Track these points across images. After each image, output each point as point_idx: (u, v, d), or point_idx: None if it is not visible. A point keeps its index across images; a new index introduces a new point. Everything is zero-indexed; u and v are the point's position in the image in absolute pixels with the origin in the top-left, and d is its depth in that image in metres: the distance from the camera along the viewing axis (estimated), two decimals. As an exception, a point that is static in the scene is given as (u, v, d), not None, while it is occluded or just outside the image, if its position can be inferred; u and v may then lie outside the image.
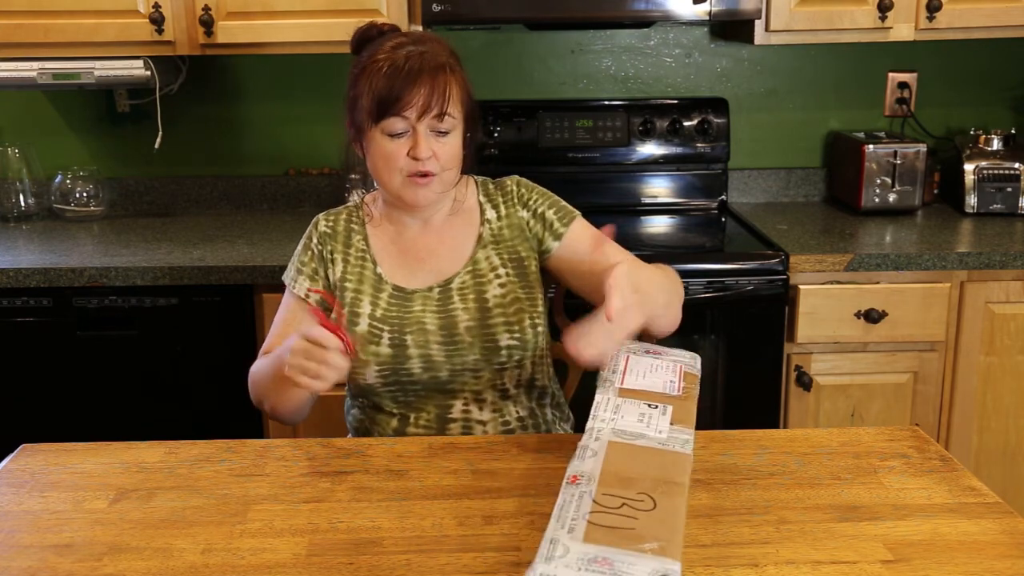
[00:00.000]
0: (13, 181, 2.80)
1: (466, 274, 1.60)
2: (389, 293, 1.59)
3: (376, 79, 1.48)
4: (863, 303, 2.33)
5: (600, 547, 0.95)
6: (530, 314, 1.59)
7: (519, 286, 1.60)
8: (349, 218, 1.66)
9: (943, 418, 2.43)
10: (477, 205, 1.65)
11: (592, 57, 2.88)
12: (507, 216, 1.64)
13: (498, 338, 1.56)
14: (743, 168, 2.93)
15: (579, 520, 1.00)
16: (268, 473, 1.34)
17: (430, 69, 1.48)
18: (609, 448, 1.12)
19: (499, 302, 1.57)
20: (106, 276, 2.28)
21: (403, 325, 1.56)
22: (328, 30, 2.44)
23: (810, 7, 2.47)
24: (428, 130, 1.49)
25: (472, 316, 1.56)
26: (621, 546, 0.95)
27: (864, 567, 1.10)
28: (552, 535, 0.98)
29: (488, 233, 1.63)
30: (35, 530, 1.19)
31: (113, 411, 2.35)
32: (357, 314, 1.58)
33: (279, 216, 2.83)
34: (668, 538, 0.97)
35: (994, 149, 2.71)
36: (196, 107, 2.86)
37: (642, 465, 1.09)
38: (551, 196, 1.66)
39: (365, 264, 1.62)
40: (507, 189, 1.66)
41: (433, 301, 1.58)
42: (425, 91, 1.47)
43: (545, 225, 1.62)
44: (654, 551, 0.95)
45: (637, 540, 0.96)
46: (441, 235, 1.63)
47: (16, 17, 2.44)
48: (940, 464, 1.34)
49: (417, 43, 1.51)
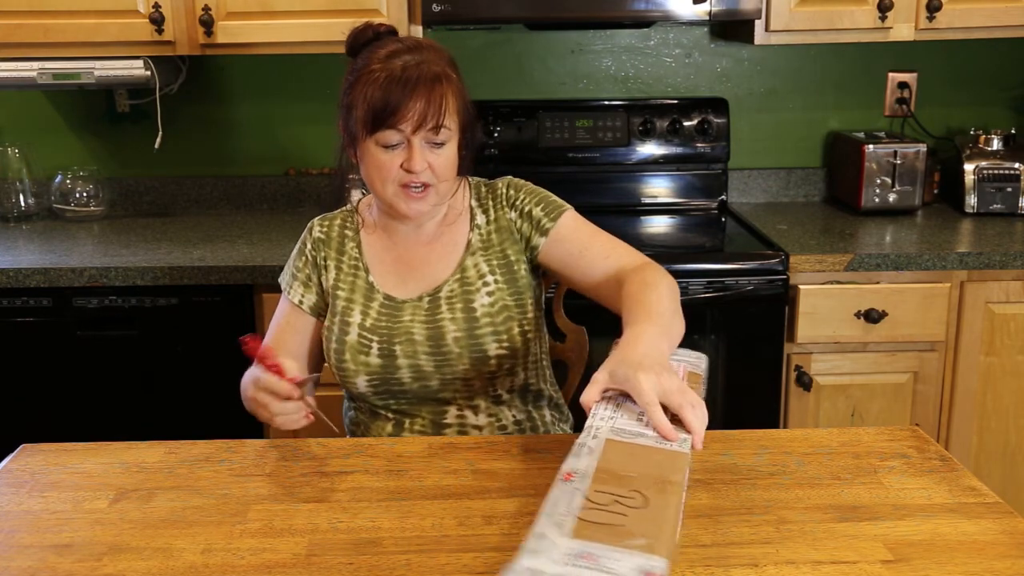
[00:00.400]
0: (13, 181, 2.80)
1: (454, 282, 1.57)
2: (380, 303, 1.58)
3: (371, 89, 1.45)
4: (863, 303, 2.33)
5: (587, 543, 0.95)
6: (519, 322, 1.56)
7: (508, 293, 1.57)
8: (343, 224, 1.65)
9: (943, 418, 2.43)
10: (468, 210, 1.63)
11: (592, 57, 2.88)
12: (495, 220, 1.61)
13: (486, 348, 1.54)
14: (743, 168, 2.93)
15: (568, 516, 0.99)
16: (268, 473, 1.34)
17: (426, 81, 1.44)
18: (606, 446, 1.12)
19: (487, 311, 1.55)
20: (106, 276, 2.28)
21: (392, 336, 1.55)
22: (328, 30, 2.43)
23: (810, 7, 2.47)
24: (423, 142, 1.47)
25: (459, 327, 1.54)
26: (608, 542, 0.95)
27: (864, 567, 1.09)
28: (540, 530, 0.97)
29: (477, 239, 1.60)
30: (35, 530, 1.19)
31: (113, 411, 2.35)
32: (348, 323, 1.57)
33: (279, 216, 2.83)
34: (656, 535, 0.96)
35: (994, 149, 2.71)
36: (196, 107, 2.86)
37: (638, 463, 1.09)
38: (540, 193, 1.62)
39: (358, 273, 1.60)
40: (497, 191, 1.63)
41: (422, 311, 1.56)
42: (421, 104, 1.44)
43: (532, 223, 1.59)
44: (640, 547, 0.94)
45: (625, 536, 0.96)
46: (431, 243, 1.61)
47: (16, 17, 2.44)
48: (940, 464, 1.34)
49: (413, 51, 1.48)
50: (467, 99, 1.53)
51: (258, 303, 2.32)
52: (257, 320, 2.32)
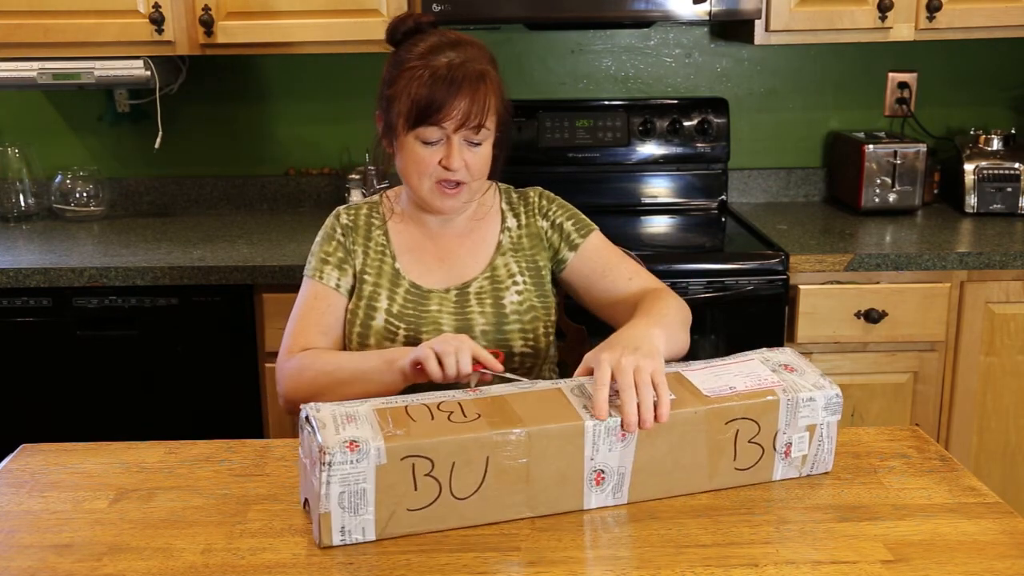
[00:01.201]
0: (13, 181, 2.80)
1: (484, 279, 1.60)
2: (406, 289, 1.59)
3: (415, 85, 1.46)
4: (863, 303, 2.33)
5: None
6: (544, 323, 1.60)
7: (535, 295, 1.61)
8: (370, 212, 1.66)
9: (943, 418, 2.43)
10: (499, 212, 1.66)
11: (592, 57, 2.88)
12: (527, 225, 1.65)
13: (512, 344, 1.57)
14: (743, 168, 2.93)
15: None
16: (268, 473, 1.34)
17: (471, 80, 1.46)
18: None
19: (516, 308, 1.58)
20: (106, 276, 2.28)
21: (419, 324, 1.57)
22: (328, 30, 2.44)
23: (810, 7, 2.46)
24: (462, 140, 1.49)
25: (489, 320, 1.57)
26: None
27: (864, 567, 1.10)
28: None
29: (508, 240, 1.64)
30: (35, 530, 1.19)
31: (113, 411, 2.35)
32: (374, 308, 1.58)
33: (279, 216, 2.83)
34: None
35: (994, 149, 2.71)
36: (196, 107, 2.86)
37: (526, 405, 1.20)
38: (571, 208, 1.67)
39: (384, 259, 1.62)
40: (529, 199, 1.67)
41: (450, 303, 1.58)
42: (465, 104, 1.46)
43: (562, 236, 1.63)
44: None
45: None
46: (461, 238, 1.64)
47: (16, 17, 2.44)
48: (940, 464, 1.34)
49: (456, 48, 1.49)
50: (505, 96, 1.55)
51: (258, 303, 2.32)
52: (257, 320, 2.32)
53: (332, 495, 1.10)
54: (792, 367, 1.31)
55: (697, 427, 1.22)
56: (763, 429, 1.25)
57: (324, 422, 1.14)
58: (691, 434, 1.22)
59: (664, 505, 1.23)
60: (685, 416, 1.21)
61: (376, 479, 1.11)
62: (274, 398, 2.35)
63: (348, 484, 1.10)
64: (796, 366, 1.32)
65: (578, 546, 1.14)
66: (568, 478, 1.19)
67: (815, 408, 1.26)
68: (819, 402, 1.26)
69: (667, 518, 1.20)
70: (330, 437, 1.11)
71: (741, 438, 1.24)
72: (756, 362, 1.32)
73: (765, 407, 1.24)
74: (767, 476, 1.28)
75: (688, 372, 1.29)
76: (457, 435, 1.13)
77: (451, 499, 1.15)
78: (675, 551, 1.13)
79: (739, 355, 1.35)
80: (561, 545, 1.14)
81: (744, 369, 1.30)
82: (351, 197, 2.71)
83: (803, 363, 1.33)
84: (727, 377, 1.28)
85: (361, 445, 1.10)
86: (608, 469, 1.20)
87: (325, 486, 1.10)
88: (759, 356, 1.35)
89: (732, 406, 1.23)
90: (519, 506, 1.18)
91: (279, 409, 2.35)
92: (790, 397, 1.25)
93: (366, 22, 2.42)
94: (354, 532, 1.13)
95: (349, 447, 1.10)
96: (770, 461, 1.27)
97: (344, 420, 1.14)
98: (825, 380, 1.29)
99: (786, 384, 1.27)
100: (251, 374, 2.35)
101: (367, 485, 1.11)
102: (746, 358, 1.34)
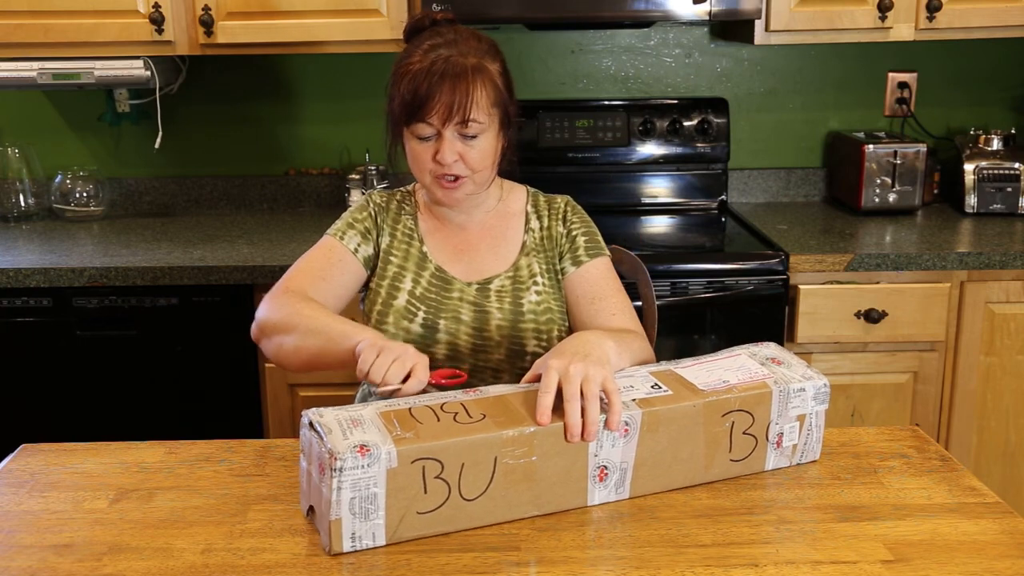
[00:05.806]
0: (13, 181, 2.80)
1: (506, 278, 1.61)
2: (431, 272, 1.61)
3: (404, 82, 1.49)
4: (863, 303, 2.33)
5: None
6: (559, 326, 1.61)
7: (553, 297, 1.62)
8: (402, 200, 1.68)
9: (943, 418, 2.43)
10: (523, 213, 1.67)
11: (592, 57, 2.88)
12: (548, 228, 1.66)
13: (525, 343, 1.58)
14: (743, 168, 2.93)
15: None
16: (268, 473, 1.34)
17: (453, 75, 1.46)
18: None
19: (533, 308, 1.59)
20: (106, 276, 2.28)
21: (439, 309, 1.58)
22: (328, 30, 2.44)
23: (810, 7, 2.46)
24: (455, 134, 1.49)
25: (506, 317, 1.58)
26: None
27: (864, 567, 1.10)
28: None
29: (531, 241, 1.65)
30: (35, 530, 1.19)
31: (113, 411, 2.35)
32: (397, 288, 1.59)
33: (279, 216, 2.83)
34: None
35: (994, 149, 2.71)
36: (196, 107, 2.86)
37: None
38: (592, 226, 1.67)
39: (412, 242, 1.63)
40: (555, 204, 1.68)
41: (470, 295, 1.60)
42: (447, 97, 1.46)
43: (572, 247, 1.64)
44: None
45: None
46: (483, 233, 1.65)
47: (16, 17, 2.44)
48: (940, 464, 1.34)
49: (451, 44, 1.50)
50: (504, 89, 1.54)
51: (258, 303, 2.31)
52: (257, 320, 2.32)
53: (343, 501, 1.09)
54: (779, 360, 1.34)
55: (695, 420, 1.24)
56: (757, 420, 1.27)
57: (329, 427, 1.13)
58: (690, 427, 1.24)
59: (664, 505, 1.23)
60: (684, 410, 1.23)
61: (387, 483, 1.10)
62: (274, 398, 2.35)
63: (359, 489, 1.09)
64: (782, 359, 1.35)
65: (578, 546, 1.14)
66: (572, 475, 1.19)
67: (805, 398, 1.30)
68: (809, 392, 1.30)
69: (667, 518, 1.20)
70: (339, 442, 1.10)
71: (736, 430, 1.26)
72: (744, 357, 1.35)
73: (759, 399, 1.27)
74: (760, 467, 1.30)
75: (680, 369, 1.31)
76: (466, 436, 1.13)
77: (460, 500, 1.15)
78: (675, 551, 1.13)
79: (725, 351, 1.38)
80: (561, 545, 1.14)
81: (733, 364, 1.32)
82: (351, 197, 2.71)
83: (788, 356, 1.36)
84: (719, 372, 1.30)
85: (372, 449, 1.09)
86: (611, 464, 1.21)
87: (336, 492, 1.09)
88: (746, 351, 1.37)
89: (728, 398, 1.25)
90: (525, 505, 1.18)
91: (279, 409, 2.36)
92: (782, 388, 1.28)
93: (366, 22, 2.43)
94: (364, 538, 1.12)
95: (359, 451, 1.09)
96: (763, 452, 1.30)
97: (350, 424, 1.14)
98: (812, 371, 1.32)
99: (776, 376, 1.30)
100: (251, 374, 2.35)
101: (378, 489, 1.10)
102: (733, 354, 1.37)
